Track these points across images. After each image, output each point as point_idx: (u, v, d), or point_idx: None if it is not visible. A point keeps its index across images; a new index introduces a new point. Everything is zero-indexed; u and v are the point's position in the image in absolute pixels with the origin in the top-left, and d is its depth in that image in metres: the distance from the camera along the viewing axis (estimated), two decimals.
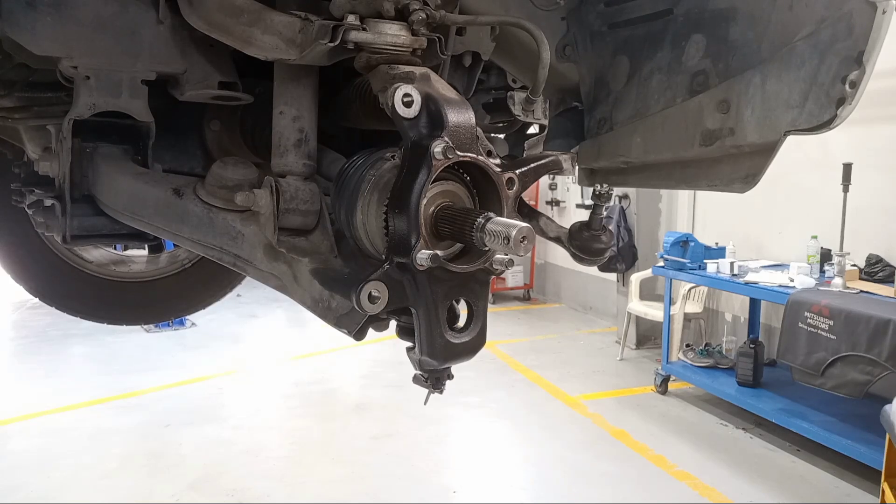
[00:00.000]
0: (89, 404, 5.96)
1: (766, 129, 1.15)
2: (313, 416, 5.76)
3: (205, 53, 1.39)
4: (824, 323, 4.65)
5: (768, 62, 1.14)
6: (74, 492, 4.43)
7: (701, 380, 5.96)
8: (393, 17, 1.10)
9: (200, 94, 1.42)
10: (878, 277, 5.44)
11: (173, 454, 5.04)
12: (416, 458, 4.95)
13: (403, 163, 0.98)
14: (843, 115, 1.06)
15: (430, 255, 0.93)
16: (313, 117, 1.28)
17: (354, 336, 1.10)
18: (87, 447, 5.09)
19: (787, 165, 5.03)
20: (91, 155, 1.46)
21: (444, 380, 1.10)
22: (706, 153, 1.26)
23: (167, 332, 8.31)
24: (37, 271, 2.69)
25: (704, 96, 1.24)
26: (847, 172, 5.38)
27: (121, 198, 1.41)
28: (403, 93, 0.97)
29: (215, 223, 1.26)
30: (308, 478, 4.65)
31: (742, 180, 1.25)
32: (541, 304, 10.49)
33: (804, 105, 1.09)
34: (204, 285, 2.94)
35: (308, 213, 1.19)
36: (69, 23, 1.31)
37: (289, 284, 1.19)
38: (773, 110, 1.14)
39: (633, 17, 1.40)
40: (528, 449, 5.21)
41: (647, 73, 1.36)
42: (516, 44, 1.47)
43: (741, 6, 1.20)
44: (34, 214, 1.66)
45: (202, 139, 1.64)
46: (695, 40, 1.28)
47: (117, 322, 3.07)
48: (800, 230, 6.19)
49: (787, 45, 1.12)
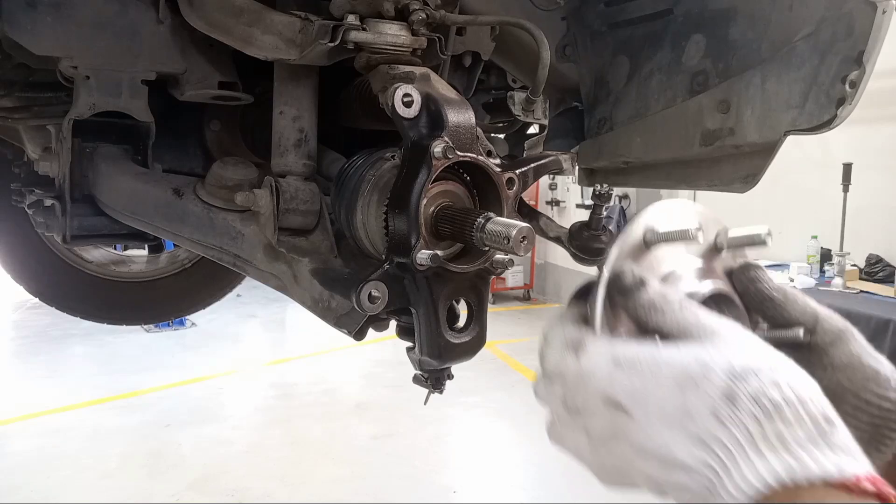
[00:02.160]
0: (89, 404, 5.96)
1: (766, 129, 1.15)
2: (313, 416, 5.76)
3: (205, 53, 1.39)
4: None
5: (768, 62, 1.14)
6: (74, 492, 4.42)
7: None
8: (393, 17, 1.10)
9: (200, 94, 1.42)
10: (878, 277, 5.45)
11: (173, 454, 5.04)
12: (416, 458, 4.95)
13: (403, 163, 0.98)
14: (843, 115, 1.06)
15: (430, 255, 0.93)
16: (313, 117, 1.28)
17: (354, 336, 1.10)
18: (87, 447, 5.09)
19: (787, 165, 5.03)
20: (91, 155, 1.46)
21: (444, 380, 1.10)
22: (706, 153, 1.26)
23: (167, 332, 8.31)
24: (37, 271, 2.69)
25: (704, 96, 1.24)
26: (847, 172, 5.39)
27: (121, 198, 1.41)
28: (403, 93, 0.97)
29: (215, 223, 1.26)
30: (308, 478, 4.65)
31: (742, 180, 1.25)
32: (541, 304, 10.49)
33: (804, 105, 1.09)
34: (204, 285, 2.94)
35: (308, 213, 1.19)
36: (69, 23, 1.31)
37: (289, 284, 1.19)
38: (773, 110, 1.14)
39: (633, 17, 1.40)
40: (528, 449, 5.21)
41: (647, 73, 1.36)
42: (516, 44, 1.47)
43: (741, 6, 1.20)
44: (34, 214, 1.66)
45: (202, 139, 1.64)
46: (695, 40, 1.28)
47: (117, 322, 3.07)
48: (800, 230, 6.20)
49: (787, 45, 1.12)
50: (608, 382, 0.54)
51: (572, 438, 0.59)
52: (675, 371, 0.52)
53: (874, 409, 0.64)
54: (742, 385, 0.49)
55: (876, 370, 0.66)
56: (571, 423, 0.58)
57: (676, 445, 0.50)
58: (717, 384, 0.50)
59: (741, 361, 0.50)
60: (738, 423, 0.48)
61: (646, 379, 0.53)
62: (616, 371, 0.54)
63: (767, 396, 0.49)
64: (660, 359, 0.53)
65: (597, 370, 0.55)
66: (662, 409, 0.51)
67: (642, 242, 0.62)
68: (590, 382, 0.56)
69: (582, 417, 0.57)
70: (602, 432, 0.55)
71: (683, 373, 0.51)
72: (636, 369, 0.53)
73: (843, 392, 0.64)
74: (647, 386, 0.52)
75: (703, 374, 0.50)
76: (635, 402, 0.53)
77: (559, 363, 0.59)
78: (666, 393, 0.51)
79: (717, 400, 0.49)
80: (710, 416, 0.49)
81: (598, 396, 0.55)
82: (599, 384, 0.55)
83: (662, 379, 0.52)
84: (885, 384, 0.65)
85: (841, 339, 0.67)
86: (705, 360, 0.51)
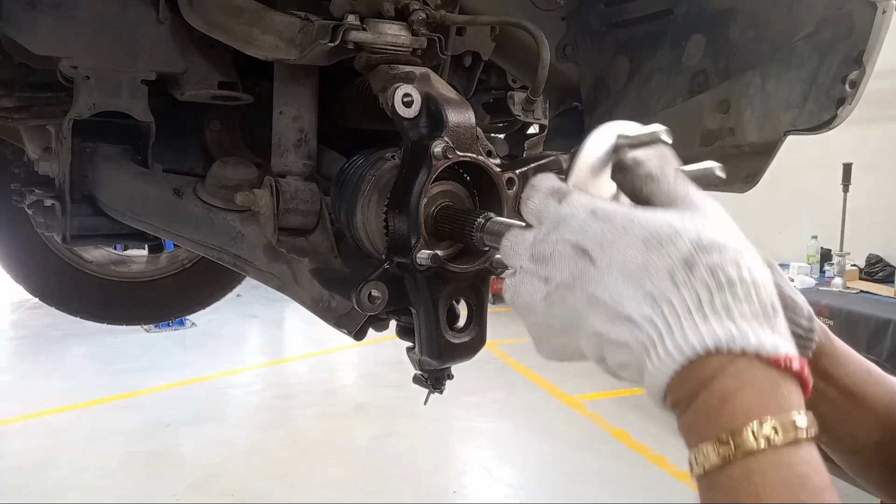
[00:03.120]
0: (89, 404, 5.96)
1: (765, 129, 1.15)
2: (313, 416, 5.76)
3: (205, 53, 1.39)
4: (824, 322, 4.65)
5: (768, 62, 1.15)
6: (74, 492, 4.42)
7: None
8: (393, 17, 1.10)
9: (200, 94, 1.42)
10: (878, 277, 5.45)
11: (173, 454, 5.05)
12: (416, 458, 4.95)
13: (403, 163, 0.98)
14: (843, 115, 1.06)
15: (430, 255, 0.93)
16: (313, 117, 1.28)
17: (354, 336, 1.10)
18: (87, 447, 5.09)
19: (787, 165, 5.03)
20: (91, 155, 1.46)
21: (444, 380, 1.10)
22: (706, 153, 1.26)
23: (167, 332, 8.30)
24: (37, 271, 2.69)
25: (704, 96, 1.24)
26: (847, 172, 5.39)
27: (121, 198, 1.41)
28: (403, 93, 0.97)
29: (215, 223, 1.26)
30: (308, 478, 4.65)
31: (742, 180, 1.25)
32: None
33: (804, 105, 1.09)
34: (204, 285, 2.94)
35: (308, 213, 1.19)
36: (69, 23, 1.31)
37: (289, 284, 1.19)
38: (773, 110, 1.14)
39: (634, 18, 1.40)
40: (528, 449, 5.21)
41: (647, 73, 1.36)
42: (516, 44, 1.47)
43: (741, 6, 1.20)
44: (34, 214, 1.66)
45: (202, 139, 1.64)
46: (695, 40, 1.28)
47: (117, 322, 3.07)
48: (800, 230, 6.20)
49: (787, 45, 1.12)
50: (581, 229, 0.57)
51: (529, 290, 0.60)
52: (645, 230, 0.54)
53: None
54: (704, 256, 0.51)
55: (794, 299, 0.72)
56: (534, 271, 0.60)
57: (628, 299, 0.52)
58: (680, 249, 0.52)
59: (710, 235, 0.53)
60: (691, 288, 0.50)
61: (617, 232, 0.55)
62: (591, 220, 0.56)
63: (724, 271, 0.51)
64: (634, 217, 0.55)
65: (575, 216, 0.58)
66: (624, 263, 0.53)
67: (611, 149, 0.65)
68: (565, 226, 0.58)
69: (545, 266, 0.59)
70: (562, 278, 0.57)
71: (653, 233, 0.53)
72: (611, 222, 0.55)
73: None
74: (617, 238, 0.54)
75: (670, 238, 0.52)
76: (602, 250, 0.55)
77: (541, 206, 0.61)
78: (632, 248, 0.53)
79: (677, 263, 0.51)
80: (667, 277, 0.51)
81: (568, 241, 0.57)
82: (573, 229, 0.57)
83: (632, 235, 0.54)
84: (800, 312, 0.72)
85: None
86: (677, 226, 0.53)
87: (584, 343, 0.57)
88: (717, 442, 0.48)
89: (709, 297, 0.50)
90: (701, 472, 0.49)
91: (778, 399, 0.48)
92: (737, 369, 0.48)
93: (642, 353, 0.52)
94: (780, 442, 0.47)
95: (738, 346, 0.48)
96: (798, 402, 0.49)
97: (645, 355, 0.51)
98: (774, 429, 0.47)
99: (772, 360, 0.49)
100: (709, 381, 0.49)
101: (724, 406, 0.48)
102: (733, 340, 0.48)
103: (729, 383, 0.48)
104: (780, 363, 0.49)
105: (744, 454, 0.46)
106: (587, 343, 0.57)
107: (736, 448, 0.47)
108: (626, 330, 0.52)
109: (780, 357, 0.49)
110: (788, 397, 0.49)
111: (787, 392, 0.49)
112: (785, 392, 0.49)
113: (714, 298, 0.50)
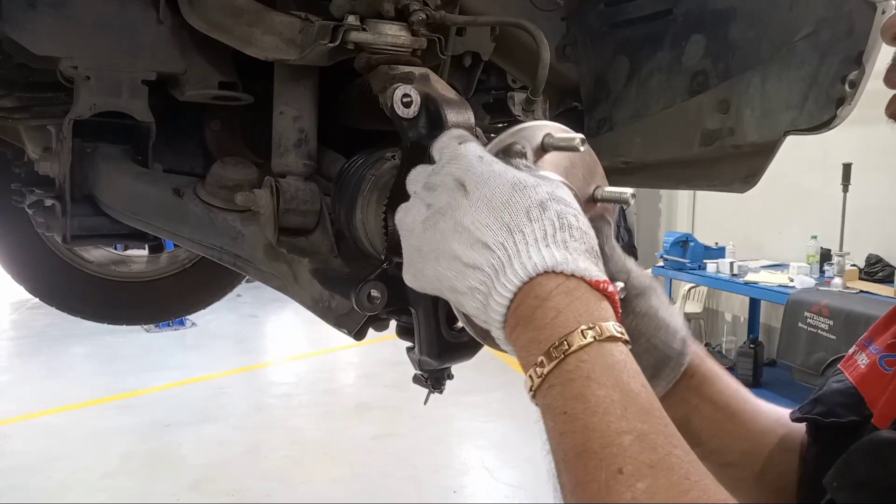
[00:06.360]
0: (89, 404, 5.96)
1: (765, 129, 1.15)
2: (313, 416, 5.76)
3: (205, 53, 1.39)
4: (824, 323, 4.65)
5: (768, 62, 1.15)
6: (74, 492, 4.43)
7: None
8: (393, 17, 1.10)
9: (200, 94, 1.42)
10: (878, 277, 5.45)
11: (173, 454, 5.05)
12: (416, 458, 4.95)
13: (403, 163, 0.98)
14: (842, 115, 1.07)
15: None
16: (313, 117, 1.28)
17: (354, 336, 1.10)
18: (87, 447, 5.10)
19: (787, 165, 5.03)
20: (91, 155, 1.46)
21: (443, 380, 1.10)
22: (706, 153, 1.26)
23: (167, 332, 8.31)
24: (37, 271, 2.69)
25: (704, 96, 1.24)
26: (847, 172, 5.39)
27: (121, 198, 1.41)
28: (403, 93, 0.97)
29: (215, 223, 1.26)
30: (308, 478, 4.65)
31: (742, 180, 1.25)
32: None
33: (804, 105, 1.10)
34: (204, 285, 2.94)
35: (308, 213, 1.19)
36: (69, 23, 1.31)
37: (289, 284, 1.19)
38: (773, 110, 1.14)
39: (633, 18, 1.40)
40: (528, 449, 5.21)
41: (647, 74, 1.36)
42: (516, 44, 1.47)
43: (741, 6, 1.20)
44: (34, 214, 1.66)
45: (202, 139, 1.64)
46: (695, 40, 1.28)
47: (118, 322, 3.06)
48: (800, 230, 6.20)
49: (787, 45, 1.12)
50: (466, 167, 0.69)
51: (413, 214, 0.71)
52: (515, 178, 0.67)
53: (659, 352, 0.83)
54: (555, 204, 0.65)
55: (668, 322, 0.83)
56: (423, 198, 0.71)
57: (487, 229, 0.64)
58: (539, 194, 0.66)
59: (561, 195, 0.68)
60: (541, 223, 0.64)
61: (493, 174, 0.67)
62: (477, 162, 0.69)
63: (567, 218, 0.65)
64: (510, 169, 0.69)
65: (465, 156, 0.70)
66: (492, 198, 0.65)
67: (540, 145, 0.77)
68: (455, 163, 0.70)
69: (431, 193, 0.70)
70: (440, 205, 0.68)
71: (520, 181, 0.66)
72: (491, 166, 0.68)
73: (638, 335, 0.81)
74: (491, 179, 0.67)
75: (532, 186, 0.66)
76: (476, 186, 0.66)
77: (444, 144, 0.75)
78: (501, 187, 0.66)
79: (534, 203, 0.65)
80: (524, 213, 0.64)
81: (453, 175, 0.69)
82: (461, 166, 0.69)
83: (504, 178, 0.67)
84: (672, 334, 0.83)
85: (644, 293, 0.83)
86: (539, 182, 0.67)
87: (443, 267, 0.67)
88: (553, 348, 0.59)
89: (553, 232, 0.63)
90: (539, 380, 0.60)
91: (601, 311, 0.61)
92: (567, 288, 0.61)
93: (492, 275, 0.63)
94: (603, 338, 0.59)
95: (569, 268, 0.62)
96: (613, 316, 0.62)
97: (494, 278, 0.63)
98: (599, 329, 0.59)
99: (594, 283, 0.62)
100: (545, 298, 0.61)
101: (558, 317, 0.60)
102: (567, 264, 0.62)
103: (561, 300, 0.61)
104: (600, 286, 0.62)
105: (576, 350, 0.58)
106: (446, 267, 0.66)
107: (569, 346, 0.58)
108: (482, 255, 0.64)
109: (600, 280, 0.62)
110: (607, 311, 0.62)
111: (606, 308, 0.62)
112: (605, 307, 0.62)
113: (556, 234, 0.63)
